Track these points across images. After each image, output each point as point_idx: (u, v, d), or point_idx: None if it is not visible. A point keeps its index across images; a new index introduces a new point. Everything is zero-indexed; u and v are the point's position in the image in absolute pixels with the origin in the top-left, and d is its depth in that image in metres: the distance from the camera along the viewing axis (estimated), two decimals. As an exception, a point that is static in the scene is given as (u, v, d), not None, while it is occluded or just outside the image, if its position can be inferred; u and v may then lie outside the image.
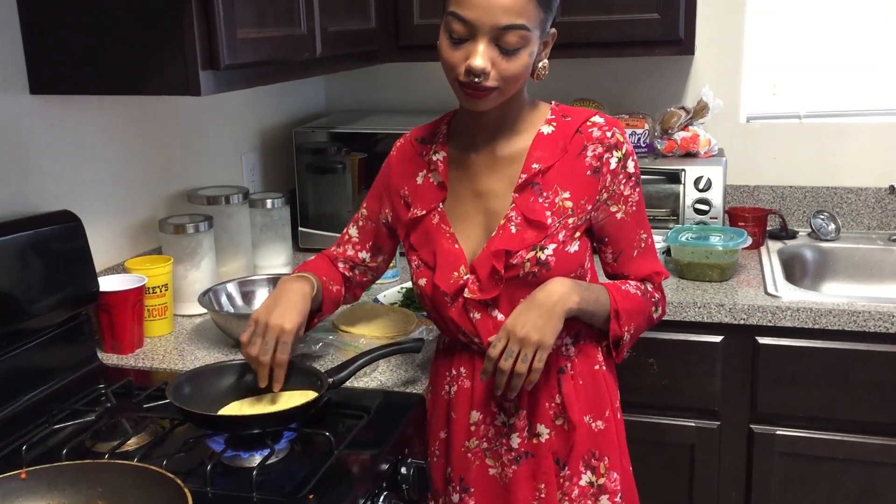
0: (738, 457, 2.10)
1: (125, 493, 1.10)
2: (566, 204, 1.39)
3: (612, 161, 1.40)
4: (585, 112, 1.44)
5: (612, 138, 1.40)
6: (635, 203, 1.45)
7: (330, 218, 2.41)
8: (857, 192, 2.50)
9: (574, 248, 1.41)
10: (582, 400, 1.46)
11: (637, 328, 1.47)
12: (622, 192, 1.42)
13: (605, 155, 1.40)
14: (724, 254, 2.12)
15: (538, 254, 1.38)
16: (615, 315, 1.42)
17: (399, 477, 1.39)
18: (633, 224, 1.45)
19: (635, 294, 1.46)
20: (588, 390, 1.47)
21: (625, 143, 1.41)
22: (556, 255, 1.38)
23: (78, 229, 1.62)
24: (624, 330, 1.44)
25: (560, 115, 1.44)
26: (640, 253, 1.48)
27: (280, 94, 2.57)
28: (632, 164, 1.43)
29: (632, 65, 2.56)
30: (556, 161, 1.40)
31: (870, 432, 2.00)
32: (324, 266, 1.58)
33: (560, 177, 1.40)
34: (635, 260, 1.48)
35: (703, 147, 2.40)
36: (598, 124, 1.41)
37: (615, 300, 1.43)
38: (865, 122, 2.50)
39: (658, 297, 1.50)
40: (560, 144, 1.41)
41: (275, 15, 1.69)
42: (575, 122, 1.42)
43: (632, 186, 1.43)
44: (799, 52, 2.55)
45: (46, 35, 1.56)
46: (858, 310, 1.93)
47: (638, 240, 1.47)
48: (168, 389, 1.33)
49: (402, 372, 1.61)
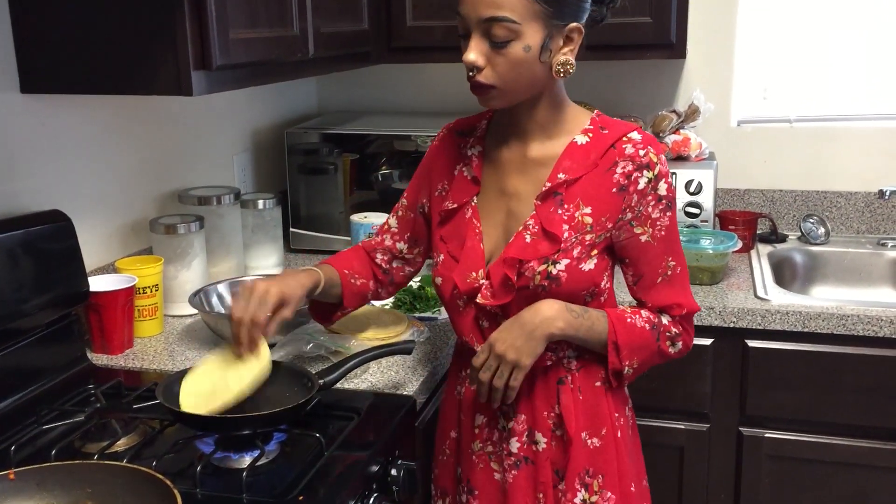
0: (727, 459, 2.10)
1: (114, 493, 1.10)
2: (586, 219, 1.35)
3: (642, 181, 1.35)
4: (625, 127, 1.39)
5: (644, 157, 1.35)
6: (664, 228, 1.37)
7: (321, 219, 2.41)
8: (846, 197, 2.51)
9: (589, 266, 1.36)
10: (580, 414, 1.41)
11: (643, 362, 1.41)
12: (649, 214, 1.36)
13: (635, 174, 1.35)
14: (714, 257, 2.13)
15: (549, 267, 1.35)
16: (614, 347, 1.37)
17: (389, 478, 1.39)
18: (659, 249, 1.38)
19: (642, 327, 1.39)
20: (587, 405, 1.42)
21: (658, 164, 1.35)
22: (568, 270, 1.35)
23: (68, 229, 1.61)
24: (624, 364, 1.38)
25: (598, 127, 1.39)
26: (664, 281, 1.40)
27: (272, 94, 2.56)
28: (664, 187, 1.36)
29: (624, 68, 2.56)
30: (585, 174, 1.36)
31: (858, 436, 2.01)
32: (353, 259, 1.57)
33: (584, 191, 1.36)
34: (658, 287, 1.40)
35: (694, 150, 2.40)
36: (633, 141, 1.36)
37: (615, 331, 1.37)
38: (855, 127, 2.52)
39: (676, 331, 1.41)
40: (591, 158, 1.36)
41: (267, 15, 1.68)
42: (611, 137, 1.37)
43: (661, 210, 1.36)
44: (790, 56, 2.56)
45: (38, 34, 1.56)
46: (847, 313, 1.94)
47: (664, 267, 1.39)
48: (158, 390, 1.33)
49: (392, 374, 1.61)
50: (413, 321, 1.80)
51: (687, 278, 1.42)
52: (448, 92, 2.71)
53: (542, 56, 1.31)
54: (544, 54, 1.31)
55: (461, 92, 2.75)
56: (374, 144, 2.36)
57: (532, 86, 1.34)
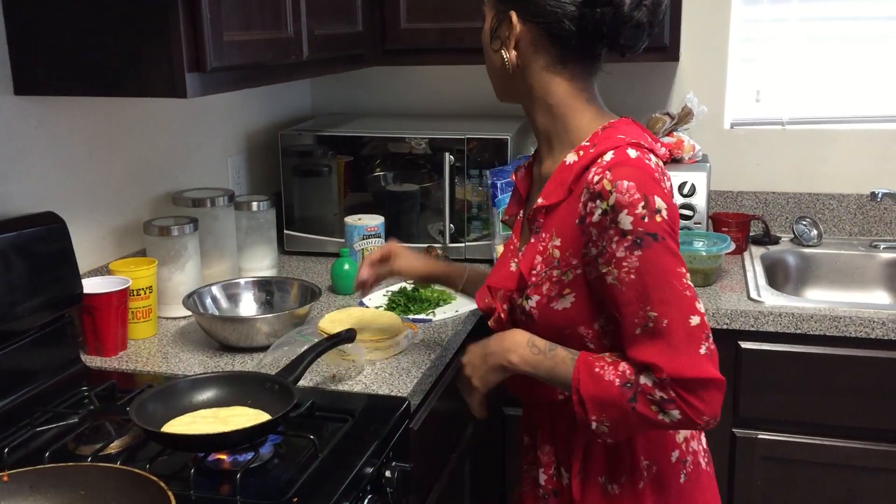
0: (720, 461, 2.10)
1: (108, 496, 1.09)
2: (555, 253, 1.22)
3: (597, 212, 1.15)
4: (612, 143, 1.19)
5: (596, 184, 1.15)
6: (634, 269, 1.13)
7: (316, 221, 2.41)
8: (839, 199, 2.52)
9: (563, 305, 1.22)
10: (598, 456, 1.28)
11: (616, 424, 1.17)
12: (613, 252, 1.14)
13: (590, 204, 1.16)
14: (707, 259, 2.14)
15: (523, 302, 1.26)
16: (578, 400, 1.18)
17: (383, 480, 1.39)
18: (630, 295, 1.14)
19: (610, 381, 1.16)
20: (607, 449, 1.27)
21: (614, 192, 1.13)
22: (539, 308, 1.23)
23: (62, 231, 1.61)
24: (591, 419, 1.17)
25: (591, 144, 1.21)
26: (644, 333, 1.14)
27: (266, 96, 2.57)
28: (627, 220, 1.12)
29: (617, 70, 2.56)
30: (562, 200, 1.22)
31: (851, 437, 2.02)
32: None
33: (559, 220, 1.22)
34: (637, 340, 1.15)
35: (687, 153, 2.41)
36: (599, 163, 1.17)
37: (578, 379, 1.18)
38: (848, 129, 2.53)
39: (663, 396, 1.13)
40: (568, 182, 1.20)
41: (261, 17, 1.69)
42: (593, 155, 1.19)
43: (627, 248, 1.13)
44: (782, 59, 2.57)
45: (32, 35, 1.56)
46: (840, 315, 1.95)
47: (641, 317, 1.14)
48: (131, 410, 1.30)
49: (386, 375, 1.61)
50: (407, 323, 1.81)
51: (680, 335, 1.13)
52: (442, 94, 2.72)
53: (493, 43, 1.25)
54: (494, 42, 1.25)
55: (455, 94, 2.77)
56: (369, 146, 2.36)
57: (499, 77, 1.28)
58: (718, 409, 1.14)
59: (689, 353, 1.13)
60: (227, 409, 1.37)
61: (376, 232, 2.16)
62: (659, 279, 1.13)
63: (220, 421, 1.33)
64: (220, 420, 1.33)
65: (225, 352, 1.73)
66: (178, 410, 1.37)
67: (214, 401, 1.40)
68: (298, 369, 1.45)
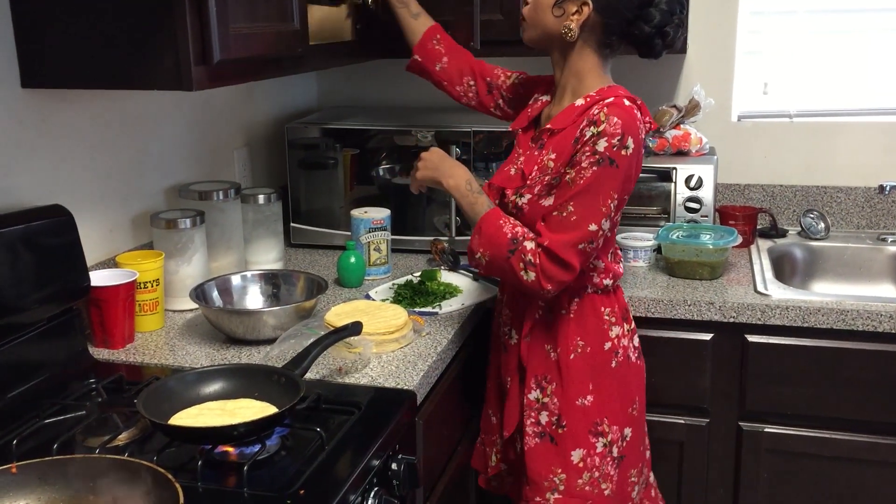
0: (726, 454, 2.11)
1: (115, 487, 1.10)
2: (549, 164, 1.60)
3: (587, 133, 1.54)
4: (613, 92, 1.58)
5: (595, 115, 1.54)
6: (584, 178, 1.52)
7: (322, 214, 2.42)
8: (846, 192, 2.51)
9: (548, 202, 1.59)
10: (543, 328, 1.70)
11: (493, 261, 1.60)
12: (580, 161, 1.53)
13: (585, 129, 1.55)
14: (714, 252, 2.13)
15: (517, 199, 1.64)
16: (476, 229, 1.61)
17: (390, 473, 1.40)
18: (569, 192, 1.54)
19: (504, 232, 1.58)
20: (552, 325, 1.69)
21: (605, 124, 1.51)
22: (530, 204, 1.61)
23: (69, 224, 1.61)
24: (477, 251, 1.61)
25: (599, 94, 1.59)
26: (551, 216, 1.56)
27: (272, 89, 2.56)
28: (603, 144, 1.51)
29: (624, 62, 2.55)
30: (565, 128, 1.60)
31: (857, 430, 2.01)
32: (457, 49, 1.97)
33: (558, 142, 1.60)
34: (547, 219, 1.57)
35: (694, 145, 2.40)
36: (602, 103, 1.56)
37: (483, 219, 1.61)
38: (856, 122, 2.52)
39: (532, 259, 1.55)
40: (573, 116, 1.59)
41: (267, 10, 1.68)
42: (596, 99, 1.58)
43: (591, 162, 1.52)
44: (790, 51, 2.56)
45: (38, 28, 1.56)
46: (847, 308, 1.94)
47: (562, 206, 1.54)
48: (139, 402, 1.30)
49: (392, 368, 1.62)
50: (413, 316, 1.81)
51: (576, 232, 1.53)
52: (448, 87, 2.71)
53: (555, 10, 1.60)
54: (557, 9, 1.60)
55: (461, 87, 2.72)
56: (375, 139, 2.36)
57: (545, 33, 1.63)
58: (559, 290, 1.58)
59: (568, 238, 1.53)
60: (234, 402, 1.38)
61: (382, 225, 2.16)
62: (593, 190, 1.52)
63: (228, 413, 1.33)
64: (228, 412, 1.34)
65: (232, 344, 1.73)
66: (186, 403, 1.37)
67: (221, 393, 1.40)
68: (305, 362, 1.46)
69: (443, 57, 1.95)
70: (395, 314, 1.76)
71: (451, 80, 1.96)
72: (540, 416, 1.70)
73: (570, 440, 1.69)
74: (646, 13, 1.58)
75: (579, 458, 1.69)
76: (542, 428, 1.70)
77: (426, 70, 1.98)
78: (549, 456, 1.70)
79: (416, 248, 2.34)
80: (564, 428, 1.69)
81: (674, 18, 1.60)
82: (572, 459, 1.69)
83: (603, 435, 1.69)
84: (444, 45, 1.96)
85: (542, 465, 1.70)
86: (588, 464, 1.69)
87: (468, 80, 1.95)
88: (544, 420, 1.70)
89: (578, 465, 1.69)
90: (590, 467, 1.69)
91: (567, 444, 1.69)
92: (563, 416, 1.68)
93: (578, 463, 1.69)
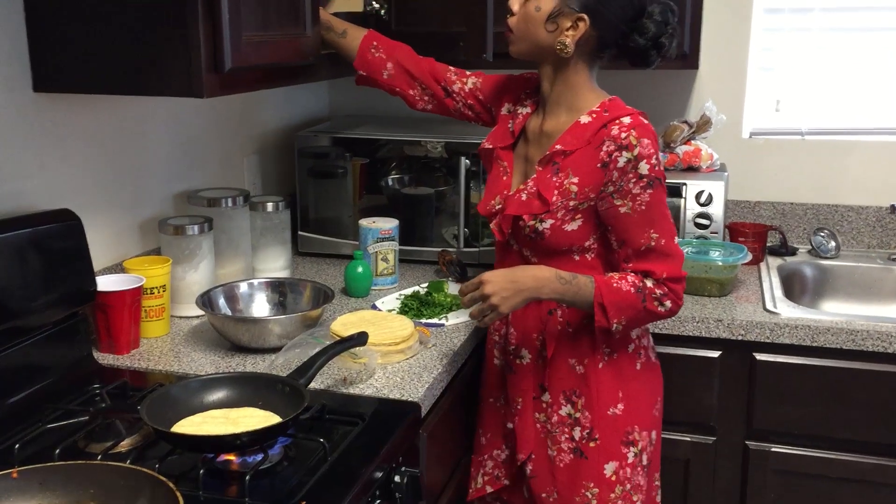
0: (732, 473, 2.09)
1: (117, 494, 1.09)
2: (572, 188, 1.58)
3: (621, 160, 1.54)
4: (622, 111, 1.58)
5: (625, 139, 1.54)
6: (645, 203, 1.55)
7: (330, 223, 2.41)
8: (857, 211, 2.50)
9: (572, 227, 1.60)
10: (566, 343, 1.68)
11: (630, 320, 1.59)
12: (630, 190, 1.55)
13: (615, 153, 1.55)
14: (723, 269, 2.12)
15: (537, 224, 1.61)
16: (600, 308, 1.57)
17: (392, 485, 1.39)
18: (640, 221, 1.56)
19: (627, 290, 1.57)
20: (574, 337, 1.67)
21: (638, 146, 1.53)
22: (552, 229, 1.60)
23: (77, 228, 1.61)
24: (612, 322, 1.58)
25: (603, 110, 1.59)
26: (647, 250, 1.57)
27: (283, 97, 2.57)
28: (646, 167, 1.54)
29: (636, 78, 2.55)
30: (579, 148, 1.58)
31: (865, 451, 2.00)
32: (404, 50, 1.89)
33: (576, 163, 1.58)
34: (641, 255, 1.58)
35: (705, 161, 2.40)
36: (621, 124, 1.56)
37: (601, 293, 1.57)
38: (868, 141, 2.51)
39: (661, 292, 1.58)
40: (587, 135, 1.58)
41: (279, 18, 1.68)
42: (607, 118, 1.57)
43: (643, 187, 1.55)
44: (803, 68, 2.55)
45: (51, 33, 1.56)
46: (857, 328, 1.93)
47: (646, 238, 1.57)
48: (142, 409, 1.30)
49: (397, 380, 1.61)
50: (420, 327, 1.80)
51: (672, 248, 1.59)
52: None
53: (548, 25, 1.57)
54: (550, 24, 1.57)
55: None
56: (385, 149, 2.36)
57: (537, 48, 1.60)
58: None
59: (674, 259, 1.59)
60: (237, 410, 1.37)
61: (391, 235, 2.15)
62: (657, 209, 1.57)
63: (231, 422, 1.33)
64: (231, 421, 1.33)
65: (237, 352, 1.73)
66: (189, 410, 1.36)
67: (225, 401, 1.40)
68: (310, 371, 1.45)
69: (386, 63, 1.87)
70: (401, 325, 1.76)
71: (403, 86, 1.89)
72: (573, 432, 1.69)
73: (602, 453, 1.68)
74: (640, 25, 1.58)
75: (612, 471, 1.68)
76: (576, 443, 1.69)
77: (373, 81, 1.91)
78: (582, 471, 1.69)
79: (423, 258, 2.33)
80: (597, 441, 1.67)
81: (668, 28, 1.60)
82: (605, 473, 1.68)
83: (634, 444, 1.69)
84: (383, 50, 1.87)
85: (575, 482, 1.69)
86: (620, 476, 1.68)
87: (420, 83, 1.88)
88: (577, 435, 1.69)
89: (611, 479, 1.68)
90: (622, 480, 1.68)
91: (600, 457, 1.68)
92: (596, 429, 1.67)
93: (611, 476, 1.68)
